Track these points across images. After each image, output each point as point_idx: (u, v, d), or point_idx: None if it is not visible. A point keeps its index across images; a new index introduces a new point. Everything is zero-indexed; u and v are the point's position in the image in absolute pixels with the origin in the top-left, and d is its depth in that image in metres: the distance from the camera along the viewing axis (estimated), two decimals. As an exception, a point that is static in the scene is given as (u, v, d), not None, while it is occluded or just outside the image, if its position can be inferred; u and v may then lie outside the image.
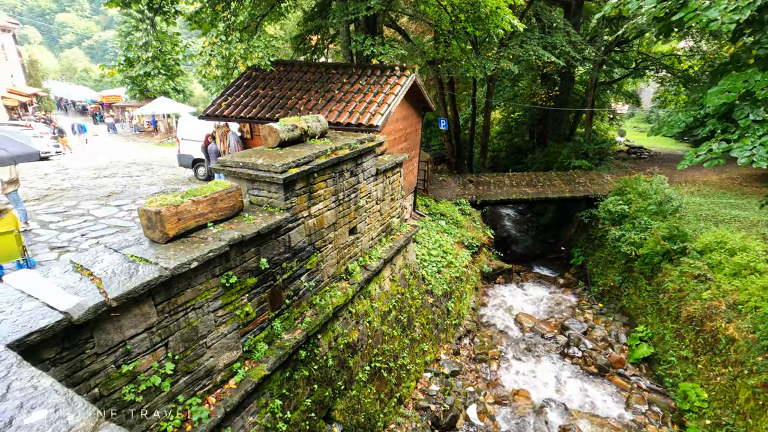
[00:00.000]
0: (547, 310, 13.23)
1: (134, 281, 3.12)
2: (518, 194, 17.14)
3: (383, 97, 8.62)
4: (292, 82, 9.52)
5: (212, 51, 7.05)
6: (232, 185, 4.34)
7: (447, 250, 10.72)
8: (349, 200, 5.86)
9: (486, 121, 21.99)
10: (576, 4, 20.92)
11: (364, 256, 6.56)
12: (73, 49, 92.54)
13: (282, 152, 4.95)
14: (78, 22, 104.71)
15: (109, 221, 8.74)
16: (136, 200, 10.49)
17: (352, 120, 8.14)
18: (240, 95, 9.54)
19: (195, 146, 15.24)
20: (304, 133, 5.43)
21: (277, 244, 4.56)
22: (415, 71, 9.38)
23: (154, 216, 3.65)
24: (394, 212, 7.50)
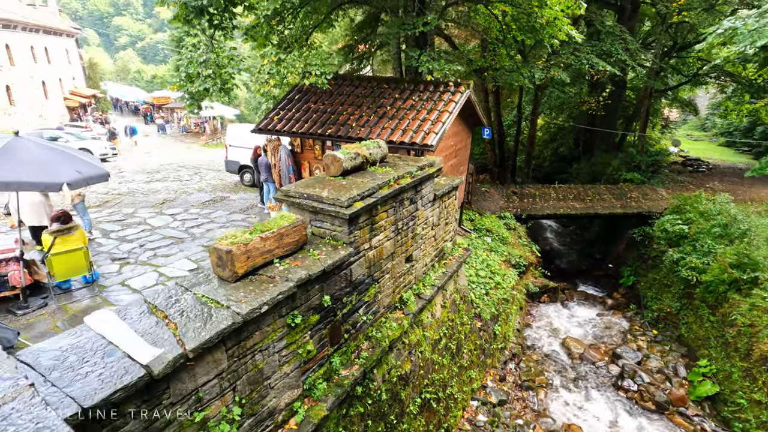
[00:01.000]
0: (595, 334, 12.58)
1: (209, 329, 3.07)
2: (566, 209, 16.44)
3: (437, 114, 8.40)
4: (343, 96, 9.46)
5: (271, 70, 7.07)
6: (297, 219, 4.26)
7: (495, 271, 10.37)
8: (407, 228, 5.69)
9: (532, 130, 21.28)
10: (631, 8, 19.88)
11: (418, 284, 6.37)
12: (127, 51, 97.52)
13: (345, 183, 4.83)
14: (132, 24, 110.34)
15: (165, 231, 8.99)
16: (188, 209, 10.78)
17: (406, 138, 7.97)
18: (292, 109, 9.58)
19: (242, 153, 15.56)
20: (365, 161, 5.31)
21: (339, 279, 4.45)
22: (470, 87, 9.10)
23: (225, 255, 3.61)
24: (447, 236, 7.27)
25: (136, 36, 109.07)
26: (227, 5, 8.68)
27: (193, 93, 8.27)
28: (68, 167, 5.20)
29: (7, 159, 4.77)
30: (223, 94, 8.64)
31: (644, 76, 20.72)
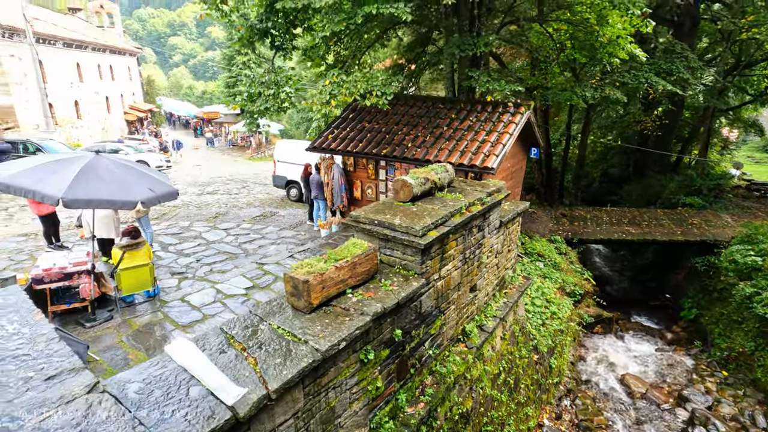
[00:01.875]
0: (657, 371, 11.64)
1: (290, 367, 2.92)
2: (620, 234, 15.55)
3: (497, 136, 8.13)
4: (398, 116, 9.38)
5: (333, 90, 7.09)
6: (369, 247, 4.10)
7: (550, 299, 9.83)
8: (474, 257, 5.42)
9: (581, 150, 20.49)
10: (690, 25, 18.94)
11: (480, 315, 6.05)
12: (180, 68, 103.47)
13: (416, 209, 4.65)
14: (186, 44, 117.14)
15: (219, 246, 9.13)
16: (240, 224, 10.96)
17: (464, 160, 7.74)
18: (346, 128, 9.60)
19: (289, 168, 15.83)
20: (434, 186, 5.12)
21: (409, 311, 4.24)
22: (531, 108, 8.79)
23: (301, 285, 3.49)
24: (508, 264, 6.92)
25: (189, 54, 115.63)
26: (288, 27, 8.87)
27: (254, 112, 8.43)
28: (142, 186, 5.33)
29: (89, 177, 4.94)
30: (280, 112, 8.77)
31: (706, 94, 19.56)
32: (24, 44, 21.42)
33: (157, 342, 5.51)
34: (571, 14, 11.38)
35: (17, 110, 21.17)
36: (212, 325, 5.93)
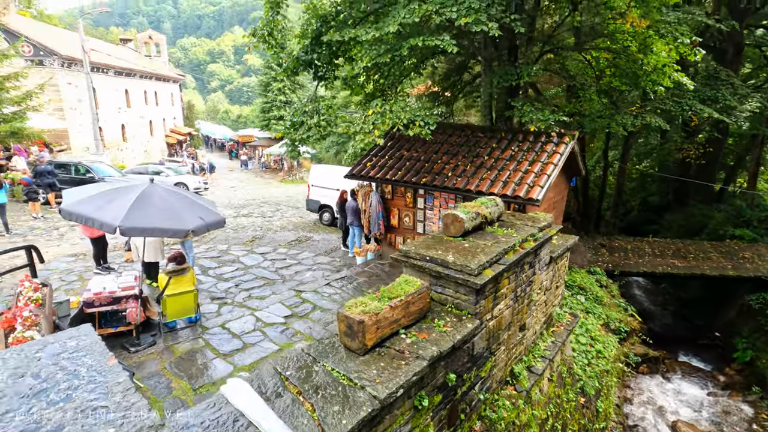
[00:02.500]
0: (711, 419, 10.76)
1: (349, 417, 2.79)
2: (665, 267, 14.79)
3: (541, 166, 7.94)
4: (436, 144, 9.35)
5: (376, 120, 7.14)
6: (422, 285, 3.98)
7: (595, 337, 9.32)
8: (524, 295, 5.18)
9: (620, 178, 19.89)
10: (734, 51, 18.36)
11: (528, 355, 5.75)
12: (217, 93, 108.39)
13: (468, 245, 4.51)
14: (223, 70, 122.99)
15: (257, 271, 9.19)
16: (276, 248, 11.06)
17: (508, 191, 7.56)
18: (384, 156, 9.63)
19: (322, 192, 16.01)
20: (484, 220, 4.97)
21: (462, 354, 4.05)
22: (575, 138, 8.59)
23: (356, 325, 3.38)
24: (556, 300, 6.62)
25: (226, 80, 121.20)
26: (331, 58, 9.10)
27: (296, 139, 8.58)
28: (193, 214, 5.43)
29: (144, 205, 5.07)
30: (321, 140, 8.89)
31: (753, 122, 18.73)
32: (80, 73, 22.95)
33: (199, 370, 5.48)
34: (611, 42, 11.23)
35: (70, 133, 22.51)
36: (252, 354, 5.88)
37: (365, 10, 8.46)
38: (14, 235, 10.67)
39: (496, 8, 6.95)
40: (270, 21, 8.48)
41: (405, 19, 6.77)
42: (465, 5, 6.73)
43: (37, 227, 11.77)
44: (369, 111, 7.43)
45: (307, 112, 8.65)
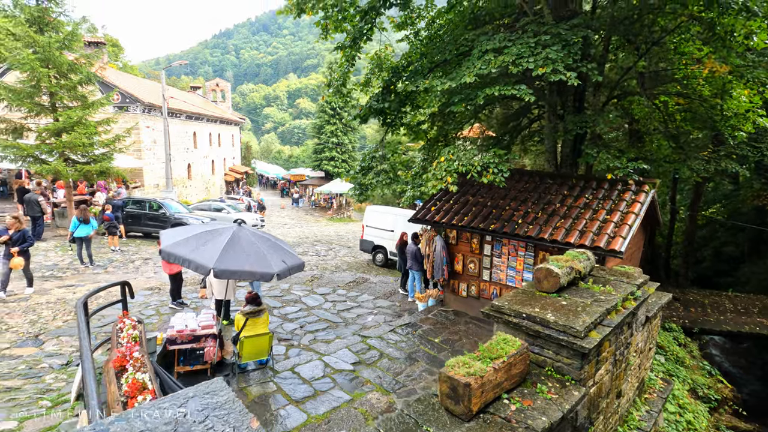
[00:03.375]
0: None
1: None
2: (752, 326, 13.34)
3: (620, 216, 7.56)
4: (503, 190, 9.20)
5: (449, 167, 7.17)
6: (522, 345, 3.75)
7: (683, 405, 8.37)
8: (623, 358, 4.77)
9: (690, 226, 18.62)
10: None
11: (623, 426, 5.21)
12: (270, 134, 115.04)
13: (565, 302, 4.26)
14: (277, 113, 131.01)
15: (319, 313, 9.21)
16: (336, 289, 11.09)
17: (586, 241, 7.21)
18: (449, 201, 9.58)
19: (376, 233, 16.11)
20: (578, 276, 4.71)
21: (566, 425, 3.71)
22: (655, 187, 8.17)
23: (462, 388, 3.20)
24: (648, 363, 6.05)
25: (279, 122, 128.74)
26: (400, 106, 9.38)
27: (365, 184, 8.75)
28: (277, 257, 5.57)
29: (234, 249, 5.27)
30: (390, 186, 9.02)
31: None
32: (158, 117, 25.21)
33: (273, 417, 5.40)
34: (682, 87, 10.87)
35: (144, 171, 24.45)
36: (325, 402, 5.74)
37: (436, 61, 8.74)
38: (96, 267, 11.44)
39: (573, 57, 6.94)
40: (345, 72, 8.96)
41: (481, 70, 6.90)
42: (542, 56, 6.78)
43: (115, 260, 12.58)
44: (441, 158, 7.48)
45: (375, 157, 8.87)
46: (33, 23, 13.82)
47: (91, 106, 15.01)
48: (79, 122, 14.23)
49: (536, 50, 6.95)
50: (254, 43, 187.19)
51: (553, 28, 7.34)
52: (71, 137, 13.91)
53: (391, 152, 9.35)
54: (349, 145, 38.08)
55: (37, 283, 9.63)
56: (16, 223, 8.87)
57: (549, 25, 7.46)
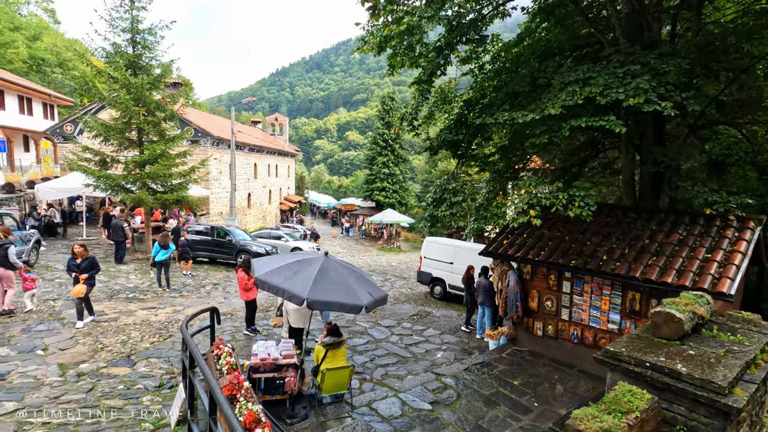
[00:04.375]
0: None
1: None
2: None
3: (723, 255, 6.91)
4: (582, 224, 8.75)
5: (530, 200, 6.95)
6: (652, 399, 3.38)
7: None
8: (758, 420, 4.18)
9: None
10: None
11: (758, 499, 4.51)
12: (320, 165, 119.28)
13: (692, 351, 3.84)
14: (327, 145, 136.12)
15: (387, 346, 9.03)
16: (400, 322, 10.90)
17: (686, 281, 6.62)
18: (523, 234, 9.25)
19: (435, 265, 15.86)
20: (700, 322, 4.26)
21: (711, 495, 3.25)
22: (762, 223, 7.44)
23: (598, 445, 2.90)
24: None
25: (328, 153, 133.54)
26: (472, 139, 9.34)
27: (437, 216, 8.67)
28: (364, 289, 5.55)
29: (324, 279, 5.31)
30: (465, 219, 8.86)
31: None
32: (223, 149, 26.90)
33: (355, 456, 5.21)
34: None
35: (210, 200, 25.94)
36: (407, 445, 5.48)
37: (509, 94, 8.69)
38: (172, 291, 12.03)
39: (665, 87, 6.62)
40: (418, 106, 9.11)
41: (566, 102, 6.74)
42: (632, 86, 6.53)
43: (188, 284, 13.18)
44: (521, 190, 7.27)
45: (448, 189, 8.81)
46: (129, 67, 15.41)
47: (172, 140, 16.27)
48: (161, 155, 15.43)
49: (625, 80, 6.71)
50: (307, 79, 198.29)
51: (641, 57, 7.09)
52: (154, 168, 15.07)
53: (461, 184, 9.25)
54: (400, 175, 38.51)
55: (123, 303, 10.24)
56: (83, 251, 8.69)
57: (636, 54, 7.21)
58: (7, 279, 8.62)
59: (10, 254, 8.52)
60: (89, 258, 8.74)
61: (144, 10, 15.47)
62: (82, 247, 8.79)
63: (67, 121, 25.50)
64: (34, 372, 6.13)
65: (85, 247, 8.91)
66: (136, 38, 15.59)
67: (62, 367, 6.40)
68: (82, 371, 6.34)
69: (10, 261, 8.50)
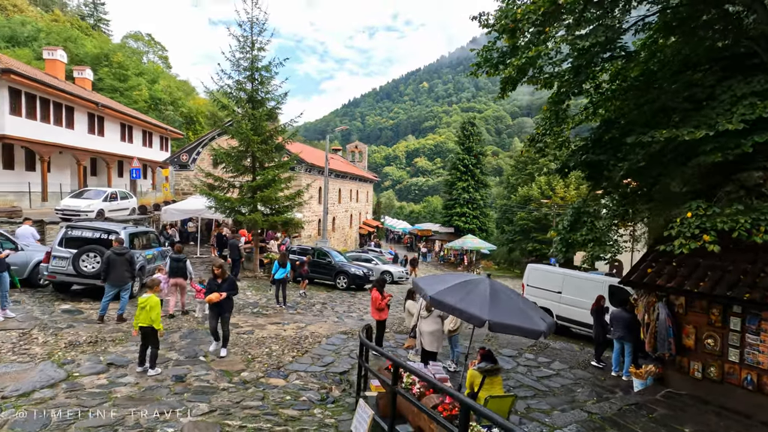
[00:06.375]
0: None
1: None
2: None
3: None
4: (750, 253, 7.75)
5: (701, 223, 6.32)
6: None
7: None
8: None
9: None
10: None
11: None
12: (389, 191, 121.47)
13: None
14: (395, 172, 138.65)
15: (518, 377, 8.57)
16: (521, 352, 10.34)
17: None
18: (671, 262, 8.42)
19: (539, 293, 14.99)
20: None
21: None
22: None
23: None
24: None
25: (397, 180, 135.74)
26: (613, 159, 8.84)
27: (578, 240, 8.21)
28: (535, 314, 5.30)
29: (499, 301, 5.16)
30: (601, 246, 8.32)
31: None
32: (315, 175, 28.36)
33: (533, 495, 4.84)
34: None
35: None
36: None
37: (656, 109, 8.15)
38: (288, 307, 12.58)
39: None
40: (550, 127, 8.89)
41: (744, 116, 6.13)
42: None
43: (299, 302, 13.73)
44: (688, 213, 6.65)
45: (589, 212, 8.35)
46: (249, 101, 16.99)
47: (282, 166, 17.47)
48: (273, 180, 16.59)
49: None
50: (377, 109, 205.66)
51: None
52: (268, 192, 16.21)
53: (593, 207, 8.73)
54: (481, 201, 37.82)
55: (251, 318, 10.86)
56: (222, 272, 8.00)
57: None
58: (182, 287, 10.32)
59: (188, 266, 10.34)
60: (228, 278, 8.10)
61: (263, 50, 17.09)
62: (220, 268, 8.13)
63: (183, 151, 28.58)
64: (206, 377, 6.59)
65: (223, 268, 8.21)
66: (254, 75, 17.18)
67: (227, 374, 6.82)
68: (245, 379, 6.71)
69: (187, 272, 10.31)
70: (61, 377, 6.01)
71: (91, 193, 18.54)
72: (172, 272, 10.21)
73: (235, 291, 8.10)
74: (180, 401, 5.59)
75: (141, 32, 62.55)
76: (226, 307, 7.75)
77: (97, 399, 5.45)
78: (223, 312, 7.72)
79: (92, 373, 6.29)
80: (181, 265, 10.29)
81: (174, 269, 10.23)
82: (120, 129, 28.39)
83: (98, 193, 18.39)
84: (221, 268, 8.03)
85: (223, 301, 7.58)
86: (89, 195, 18.21)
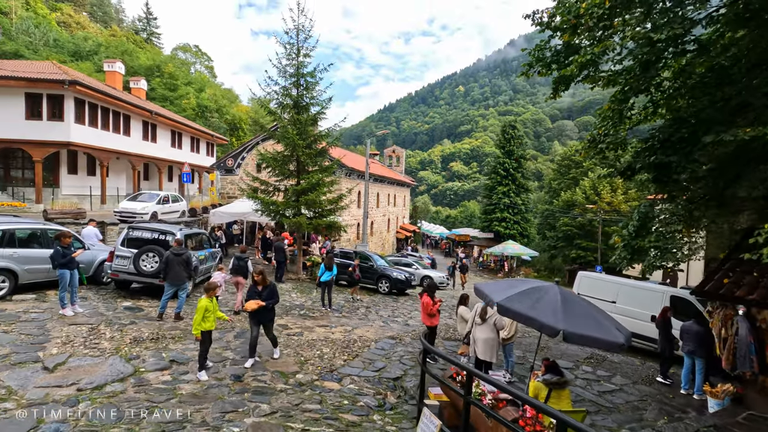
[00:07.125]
0: None
1: None
2: None
3: None
4: None
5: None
6: None
7: None
8: None
9: None
10: None
11: None
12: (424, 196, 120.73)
13: None
14: (431, 176, 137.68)
15: (578, 391, 8.08)
16: (577, 364, 9.82)
17: None
18: (750, 272, 7.73)
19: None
20: None
21: None
22: None
23: None
24: None
25: (432, 184, 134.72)
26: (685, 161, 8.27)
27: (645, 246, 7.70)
28: (611, 324, 4.96)
29: (571, 310, 4.87)
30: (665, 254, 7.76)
31: None
32: (354, 180, 28.52)
33: None
34: None
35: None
36: None
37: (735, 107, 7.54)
38: (333, 310, 12.60)
39: None
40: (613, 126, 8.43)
41: None
42: None
43: (343, 305, 13.74)
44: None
45: (655, 218, 7.82)
46: (294, 106, 17.31)
47: (325, 170, 17.65)
48: (317, 183, 16.78)
49: None
50: (413, 114, 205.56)
51: None
52: (312, 196, 16.41)
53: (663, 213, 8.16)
54: (522, 206, 36.77)
55: (299, 320, 10.95)
56: (263, 279, 7.42)
57: None
58: (243, 286, 10.75)
59: (249, 266, 10.87)
60: (269, 286, 7.46)
61: (308, 56, 17.38)
62: (260, 275, 7.46)
63: (229, 156, 29.58)
64: (263, 377, 6.64)
65: (263, 275, 7.52)
66: (300, 81, 17.49)
67: (282, 375, 6.85)
68: (300, 381, 6.71)
69: (248, 272, 10.84)
70: (129, 372, 6.23)
71: (145, 196, 19.51)
72: (233, 270, 10.99)
73: (275, 299, 7.40)
74: (242, 401, 5.64)
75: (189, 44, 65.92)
76: (267, 316, 7.33)
77: (164, 395, 5.59)
78: (265, 321, 7.34)
79: (157, 369, 6.48)
80: (242, 264, 10.91)
81: (236, 267, 10.94)
82: (170, 136, 29.81)
83: (152, 197, 19.32)
84: (262, 275, 7.43)
85: (262, 309, 7.08)
86: (144, 198, 19.17)
